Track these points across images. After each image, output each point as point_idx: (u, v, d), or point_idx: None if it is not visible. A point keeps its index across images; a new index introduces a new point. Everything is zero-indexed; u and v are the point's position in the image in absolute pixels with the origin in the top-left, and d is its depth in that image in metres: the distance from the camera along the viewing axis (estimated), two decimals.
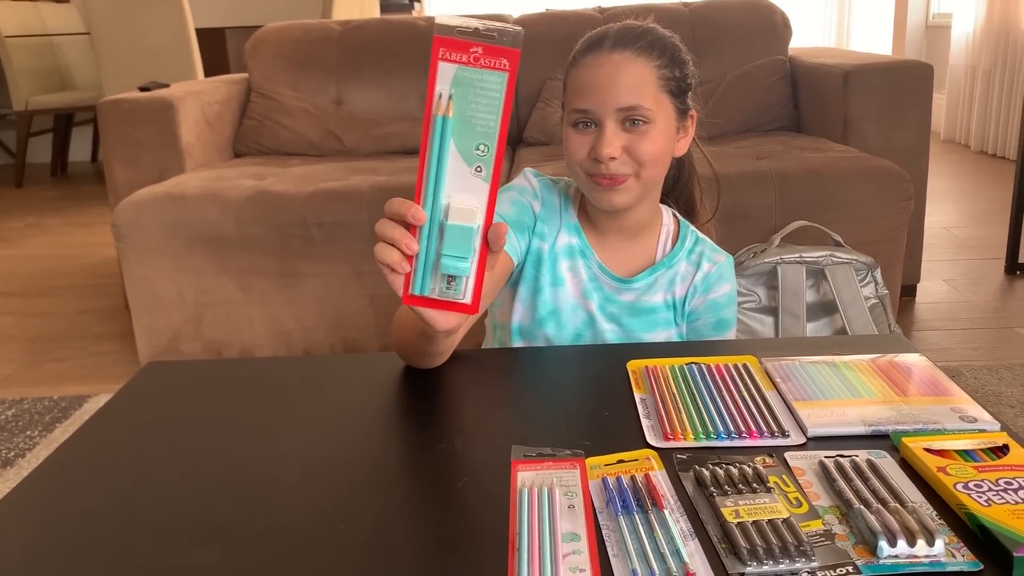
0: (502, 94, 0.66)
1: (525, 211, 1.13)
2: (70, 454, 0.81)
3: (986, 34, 4.78)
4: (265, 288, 2.16)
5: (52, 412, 2.11)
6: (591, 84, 1.04)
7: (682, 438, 0.77)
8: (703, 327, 1.16)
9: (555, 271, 1.13)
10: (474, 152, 0.67)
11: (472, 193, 0.70)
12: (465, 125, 0.67)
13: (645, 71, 1.04)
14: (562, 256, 1.14)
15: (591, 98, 1.03)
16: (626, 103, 1.02)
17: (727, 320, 1.16)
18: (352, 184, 2.17)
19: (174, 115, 2.43)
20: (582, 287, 1.14)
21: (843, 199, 2.05)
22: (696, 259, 1.16)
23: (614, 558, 0.60)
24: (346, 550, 0.63)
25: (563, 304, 1.13)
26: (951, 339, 2.30)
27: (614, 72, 1.03)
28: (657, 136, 1.05)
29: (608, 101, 1.03)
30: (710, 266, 1.15)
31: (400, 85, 2.87)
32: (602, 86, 1.03)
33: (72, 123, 5.54)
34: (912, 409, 0.81)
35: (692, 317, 1.16)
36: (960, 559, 0.60)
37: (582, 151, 1.05)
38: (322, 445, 0.80)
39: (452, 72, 0.65)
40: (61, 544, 0.65)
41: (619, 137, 1.03)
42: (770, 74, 2.73)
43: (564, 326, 1.14)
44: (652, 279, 1.14)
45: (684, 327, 1.16)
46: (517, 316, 1.15)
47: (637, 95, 1.03)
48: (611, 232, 1.14)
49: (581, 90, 1.05)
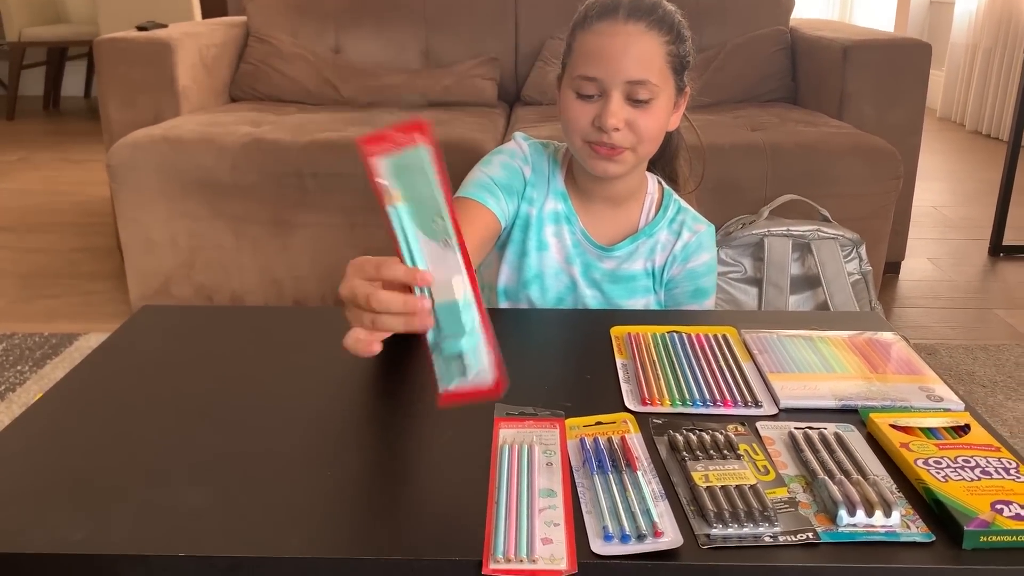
0: (429, 164, 0.65)
1: (515, 175, 1.15)
2: (64, 393, 0.83)
3: (989, 13, 4.76)
4: (258, 236, 2.17)
5: (43, 348, 2.13)
6: (602, 52, 1.04)
7: (659, 404, 0.80)
8: (681, 295, 1.18)
9: (541, 236, 1.15)
10: (432, 227, 0.66)
11: (447, 267, 0.66)
12: (416, 206, 0.66)
13: (655, 46, 1.04)
14: (548, 221, 1.15)
15: (602, 67, 1.03)
16: (636, 76, 1.03)
17: (705, 289, 1.18)
18: (348, 136, 2.18)
19: (171, 57, 2.42)
20: (566, 252, 1.16)
21: (834, 175, 2.07)
22: (677, 228, 1.17)
23: (587, 515, 0.64)
24: (333, 496, 0.66)
25: (547, 268, 1.16)
26: (930, 317, 2.34)
27: (627, 43, 1.03)
28: (659, 112, 1.06)
29: (618, 71, 1.03)
30: (690, 235, 1.17)
31: (400, 35, 2.86)
32: (614, 55, 1.03)
33: (66, 57, 5.47)
34: (882, 386, 0.84)
35: (671, 285, 1.18)
36: (915, 531, 0.63)
37: (584, 119, 1.05)
38: (311, 395, 0.83)
39: (384, 164, 0.65)
40: (55, 483, 0.68)
41: (623, 109, 1.04)
42: (770, 45, 2.73)
43: (547, 290, 1.16)
44: (633, 247, 1.16)
45: (662, 294, 1.18)
46: (503, 278, 1.18)
47: (646, 69, 1.03)
48: (597, 199, 1.16)
49: (591, 57, 1.04)
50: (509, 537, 0.61)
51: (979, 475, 0.68)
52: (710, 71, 2.72)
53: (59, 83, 5.53)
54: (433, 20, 2.85)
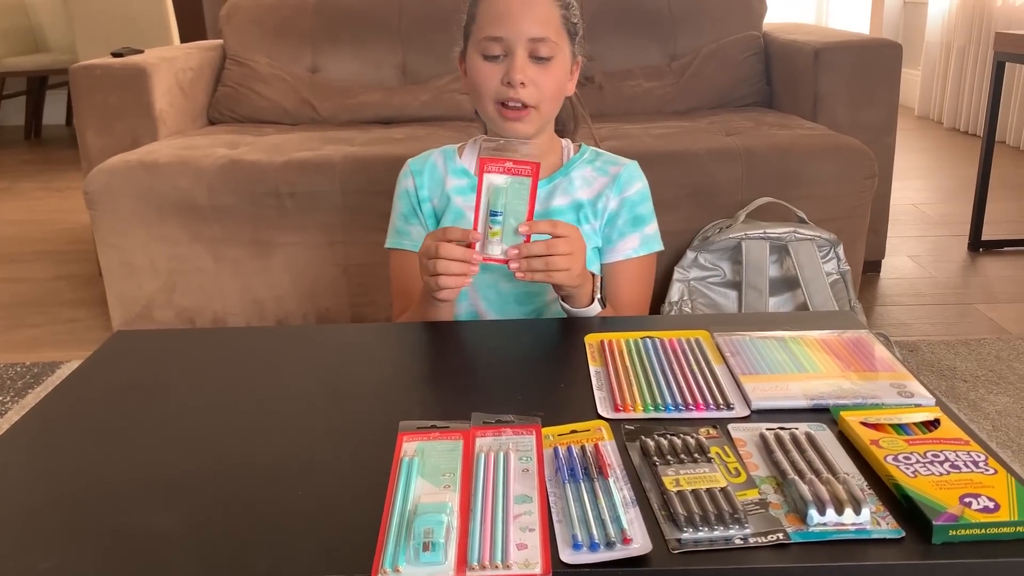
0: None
1: (407, 197, 1.27)
2: (37, 420, 0.83)
3: (961, 11, 4.81)
4: (238, 257, 2.17)
5: (24, 378, 2.12)
6: (506, 13, 1.14)
7: (632, 410, 0.81)
8: (623, 225, 1.24)
9: (454, 208, 1.24)
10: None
11: None
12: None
13: (551, 8, 1.16)
14: (454, 195, 1.24)
15: (505, 26, 1.13)
16: (537, 34, 1.13)
17: (643, 216, 1.25)
18: (325, 154, 2.18)
19: (147, 82, 2.42)
20: None
21: (808, 176, 2.08)
22: (600, 165, 1.27)
23: (558, 523, 0.64)
24: (306, 516, 0.66)
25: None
26: (912, 314, 2.35)
27: (528, 4, 1.14)
28: (558, 71, 1.17)
29: (521, 30, 1.13)
30: (617, 168, 1.26)
31: (376, 54, 2.86)
32: (516, 14, 1.13)
33: (46, 86, 5.47)
34: (853, 384, 0.84)
35: (611, 217, 1.24)
36: (884, 527, 0.63)
37: (494, 79, 1.15)
38: (286, 414, 0.83)
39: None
40: (26, 509, 0.68)
41: (528, 67, 1.14)
42: (743, 50, 2.75)
43: None
44: (551, 186, 1.24)
45: (596, 224, 1.24)
46: None
47: (546, 27, 1.14)
48: None
49: (494, 17, 1.15)
50: (484, 543, 0.61)
51: (948, 469, 0.69)
52: (685, 77, 2.74)
53: (40, 112, 5.51)
54: (409, 37, 2.86)
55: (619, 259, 1.24)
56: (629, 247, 1.23)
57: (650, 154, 2.00)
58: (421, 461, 0.72)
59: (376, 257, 2.16)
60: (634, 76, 2.74)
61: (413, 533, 0.61)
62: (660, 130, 2.34)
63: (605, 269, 1.25)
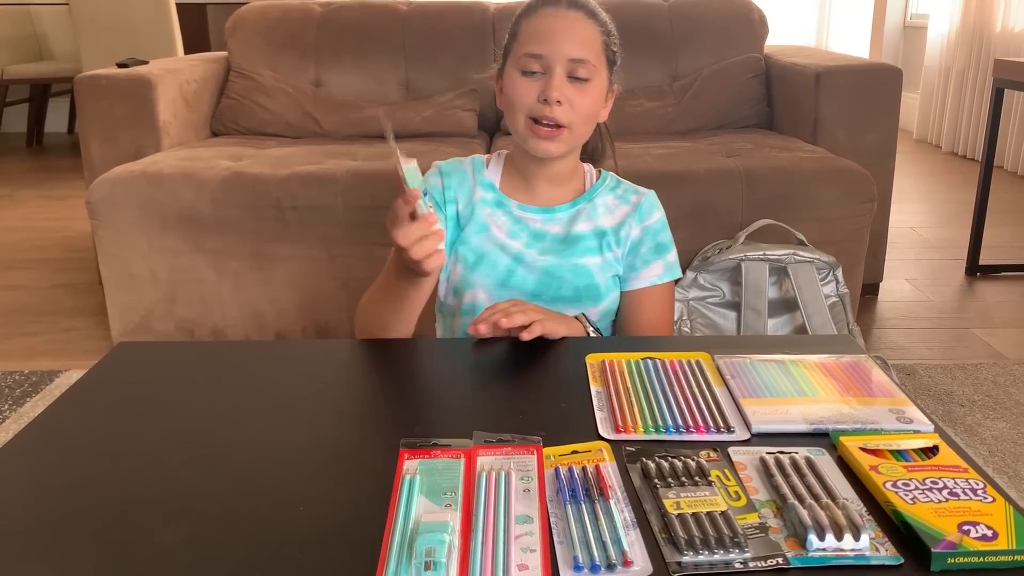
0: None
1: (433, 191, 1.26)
2: (38, 432, 0.83)
3: (961, 36, 4.85)
4: (239, 269, 2.18)
5: (23, 386, 2.12)
6: (548, 32, 1.15)
7: (632, 431, 0.81)
8: (646, 252, 1.26)
9: (479, 219, 1.23)
10: None
11: None
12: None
13: (594, 32, 1.17)
14: (481, 206, 1.24)
15: (546, 45, 1.14)
16: (577, 55, 1.14)
17: (664, 244, 1.27)
18: (327, 168, 2.19)
19: (152, 93, 2.43)
20: (507, 229, 1.23)
21: (808, 199, 2.10)
22: (622, 193, 1.28)
23: (559, 544, 0.64)
24: (307, 532, 0.66)
25: (488, 247, 1.22)
26: (909, 338, 2.36)
27: (570, 26, 1.15)
28: (594, 94, 1.17)
29: (561, 50, 1.14)
30: (638, 197, 1.27)
31: (379, 68, 2.88)
32: (559, 35, 1.14)
33: (49, 94, 5.48)
34: (852, 409, 0.85)
35: (634, 246, 1.26)
36: (883, 553, 0.64)
37: (530, 95, 1.15)
38: (287, 430, 0.83)
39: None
40: (26, 523, 0.68)
41: (566, 86, 1.14)
42: (745, 71, 2.77)
43: (493, 267, 1.22)
44: (575, 210, 1.25)
45: (618, 252, 1.25)
46: (452, 274, 1.24)
47: (586, 50, 1.15)
48: (539, 179, 1.25)
49: (537, 36, 1.15)
50: (486, 563, 0.62)
51: (947, 496, 0.69)
52: (686, 98, 2.76)
53: (42, 120, 5.53)
54: (412, 53, 2.88)
55: (643, 286, 1.25)
56: (653, 274, 1.25)
57: (651, 174, 2.01)
58: (422, 479, 0.72)
59: (376, 272, 2.16)
60: (635, 96, 2.76)
61: (415, 552, 0.62)
62: (661, 150, 2.36)
63: (627, 297, 1.26)
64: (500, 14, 2.90)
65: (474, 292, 1.21)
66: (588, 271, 1.22)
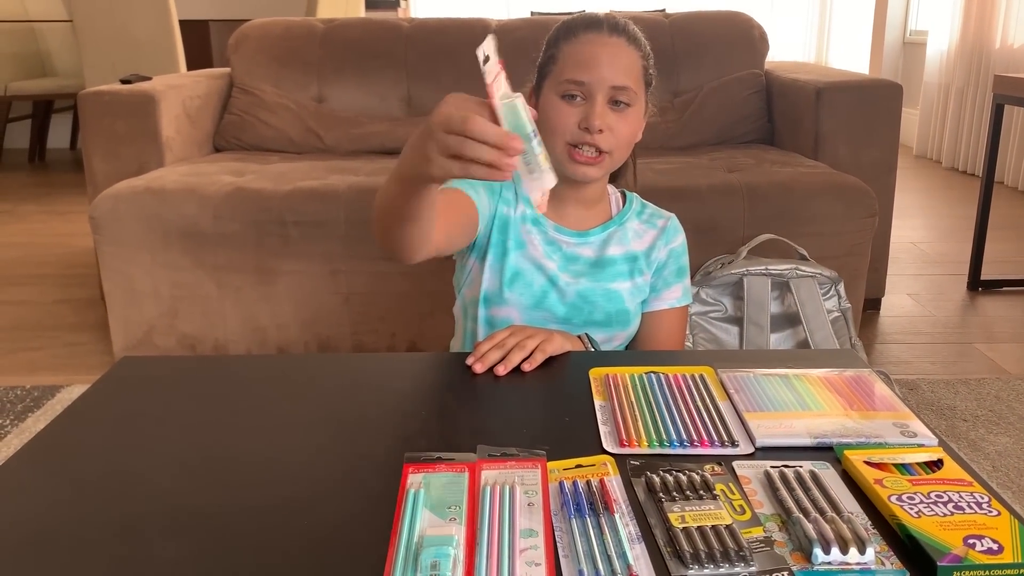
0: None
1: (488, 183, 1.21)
2: (42, 446, 0.83)
3: (960, 52, 4.87)
4: (241, 284, 2.18)
5: (24, 401, 2.11)
6: (591, 58, 1.14)
7: (636, 445, 0.81)
8: (669, 275, 1.28)
9: (518, 235, 1.23)
10: None
11: None
12: None
13: (635, 59, 1.17)
14: (522, 221, 1.24)
15: (589, 72, 1.13)
16: (620, 82, 1.14)
17: (684, 268, 1.30)
18: (330, 184, 2.20)
19: (155, 109, 2.44)
20: (542, 249, 1.22)
21: (810, 214, 2.10)
22: (648, 217, 1.29)
23: (564, 558, 0.64)
24: (311, 546, 0.66)
25: (525, 265, 1.21)
26: (911, 353, 2.36)
27: (614, 53, 1.15)
28: (634, 119, 1.17)
29: (605, 77, 1.13)
30: (664, 221, 1.29)
31: (381, 84, 2.89)
32: (601, 62, 1.13)
33: (51, 110, 5.51)
34: (856, 423, 0.85)
35: (659, 267, 1.27)
36: (889, 567, 0.64)
37: (570, 121, 1.14)
38: (290, 444, 0.83)
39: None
40: (31, 536, 0.68)
41: (607, 113, 1.14)
42: (746, 87, 2.78)
43: (528, 286, 1.21)
44: (606, 234, 1.25)
45: (648, 276, 1.26)
46: (486, 283, 1.22)
47: (628, 77, 1.15)
48: (570, 201, 1.24)
49: (579, 62, 1.14)
50: None
51: (952, 510, 0.69)
52: (687, 114, 2.77)
53: (45, 136, 5.55)
54: (414, 69, 2.89)
55: (663, 308, 1.26)
56: (673, 296, 1.26)
57: (653, 189, 2.02)
58: (427, 493, 0.72)
59: (377, 287, 2.17)
60: None
61: (420, 566, 0.62)
62: (662, 165, 2.36)
63: (647, 318, 1.26)
64: (502, 30, 2.92)
65: (508, 311, 1.21)
66: (619, 296, 1.22)
